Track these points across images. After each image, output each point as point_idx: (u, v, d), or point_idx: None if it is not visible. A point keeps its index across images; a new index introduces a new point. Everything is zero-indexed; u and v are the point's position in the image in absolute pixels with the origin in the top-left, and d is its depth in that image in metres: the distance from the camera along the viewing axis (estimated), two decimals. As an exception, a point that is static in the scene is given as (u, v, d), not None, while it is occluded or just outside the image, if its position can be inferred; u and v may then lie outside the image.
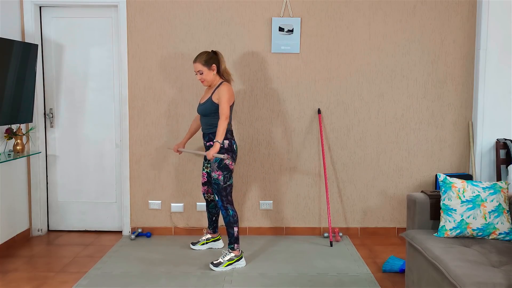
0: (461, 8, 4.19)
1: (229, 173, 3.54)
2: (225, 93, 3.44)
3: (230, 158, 3.52)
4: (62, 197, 4.41)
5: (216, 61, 3.53)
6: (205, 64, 3.49)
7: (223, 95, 3.43)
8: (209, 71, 3.50)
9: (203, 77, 3.52)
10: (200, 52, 3.58)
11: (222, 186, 3.52)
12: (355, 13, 4.19)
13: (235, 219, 3.54)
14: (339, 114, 4.27)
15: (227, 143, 3.51)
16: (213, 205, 3.87)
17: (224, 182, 3.52)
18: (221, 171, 3.51)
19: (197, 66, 3.50)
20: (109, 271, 3.47)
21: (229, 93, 3.46)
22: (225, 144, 3.49)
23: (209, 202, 3.86)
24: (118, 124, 4.32)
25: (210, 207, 3.88)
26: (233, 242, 3.56)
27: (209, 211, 3.90)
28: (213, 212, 3.90)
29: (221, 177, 3.51)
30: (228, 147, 3.52)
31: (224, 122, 3.37)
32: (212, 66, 3.50)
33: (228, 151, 3.51)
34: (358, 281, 3.30)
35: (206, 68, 3.49)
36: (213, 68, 3.50)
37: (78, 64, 4.30)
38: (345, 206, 4.36)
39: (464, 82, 4.26)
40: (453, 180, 2.85)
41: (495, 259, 2.44)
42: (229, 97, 3.44)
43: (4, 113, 3.66)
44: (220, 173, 3.51)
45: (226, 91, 3.45)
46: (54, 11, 4.26)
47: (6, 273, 3.46)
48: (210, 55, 3.52)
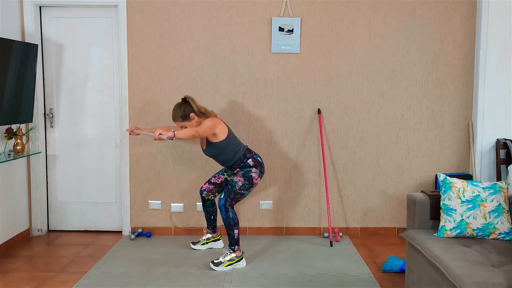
0: (461, 8, 4.19)
1: (250, 185, 3.57)
2: (207, 121, 3.42)
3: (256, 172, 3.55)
4: (62, 197, 4.41)
5: (191, 108, 3.48)
6: (184, 119, 3.48)
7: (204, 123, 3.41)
8: (191, 121, 3.49)
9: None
10: (173, 108, 3.51)
11: (236, 190, 3.53)
12: (355, 13, 4.19)
13: (235, 221, 3.53)
14: (339, 114, 4.27)
15: (251, 160, 3.58)
16: (209, 203, 3.87)
17: (240, 189, 3.54)
18: (243, 178, 3.54)
19: (178, 124, 3.51)
20: (109, 271, 3.47)
21: (213, 122, 3.43)
22: (250, 163, 3.57)
23: (206, 201, 3.86)
24: (118, 124, 4.32)
25: (207, 206, 3.88)
26: (233, 244, 3.57)
27: (206, 210, 3.90)
28: (210, 211, 3.90)
29: (240, 183, 3.54)
30: (254, 162, 3.59)
31: (191, 132, 3.31)
32: (190, 116, 3.48)
33: (256, 166, 3.59)
34: (358, 281, 3.30)
35: (187, 122, 3.49)
36: (193, 117, 3.48)
37: (78, 64, 4.30)
38: (345, 206, 4.36)
39: (464, 82, 4.26)
40: (453, 180, 2.85)
41: (495, 259, 2.44)
42: (211, 125, 3.41)
43: (4, 113, 3.66)
44: (242, 180, 3.54)
45: (207, 120, 3.43)
46: (54, 11, 4.26)
47: (6, 273, 3.46)
48: (183, 107, 3.47)
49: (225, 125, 3.55)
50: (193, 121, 3.49)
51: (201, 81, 4.21)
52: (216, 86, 4.22)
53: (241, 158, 3.59)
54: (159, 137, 3.19)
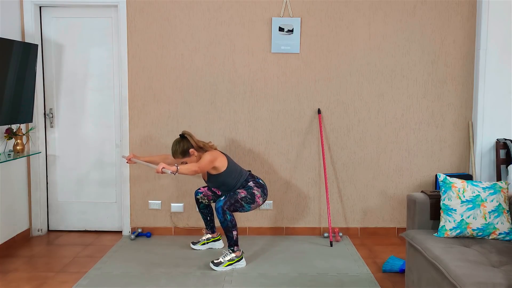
0: (461, 8, 4.19)
1: (252, 201, 3.58)
2: (206, 156, 3.46)
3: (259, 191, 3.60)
4: (62, 197, 4.41)
5: (189, 144, 3.52)
6: (184, 155, 3.51)
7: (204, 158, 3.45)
8: (191, 157, 3.52)
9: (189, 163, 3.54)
10: (172, 145, 3.54)
11: (237, 198, 3.53)
12: (355, 13, 4.19)
13: (233, 223, 3.53)
14: (339, 114, 4.27)
15: (253, 184, 3.62)
16: (203, 205, 3.89)
17: (241, 199, 3.54)
18: (245, 192, 3.56)
19: (179, 160, 3.53)
20: (109, 271, 3.47)
21: (212, 156, 3.47)
22: (252, 187, 3.60)
23: (199, 203, 3.88)
24: (118, 124, 4.32)
25: (201, 208, 3.90)
26: (233, 244, 3.56)
27: (201, 212, 3.92)
28: (205, 212, 3.91)
29: (243, 194, 3.55)
30: (255, 184, 3.62)
31: (194, 167, 3.36)
32: (190, 152, 3.51)
33: (258, 187, 3.62)
34: (358, 281, 3.30)
35: (187, 158, 3.52)
36: (192, 152, 3.52)
37: (78, 64, 4.30)
38: (345, 206, 4.36)
39: (464, 82, 4.26)
40: (453, 180, 2.85)
41: (495, 259, 2.44)
42: (211, 159, 3.46)
43: (4, 113, 3.66)
44: (244, 192, 3.56)
45: (207, 154, 3.47)
46: (54, 11, 4.26)
47: (6, 273, 3.46)
48: (181, 143, 3.51)
49: (224, 156, 3.59)
50: (193, 157, 3.53)
51: (201, 81, 4.21)
52: (216, 86, 4.22)
53: (243, 183, 3.63)
54: (162, 171, 3.25)
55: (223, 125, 4.26)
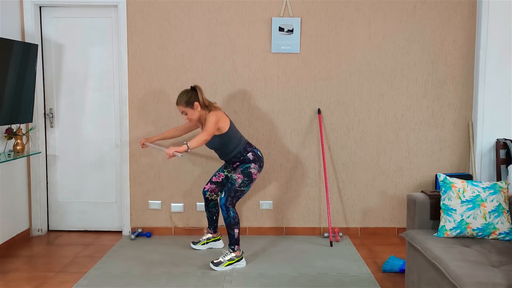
0: (461, 8, 4.19)
1: (249, 181, 3.57)
2: (211, 117, 3.45)
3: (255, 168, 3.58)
4: (62, 197, 4.41)
5: (197, 97, 3.51)
6: (187, 105, 3.49)
7: (210, 120, 3.44)
8: (193, 110, 3.51)
9: (188, 117, 3.54)
10: (180, 93, 3.55)
11: (236, 188, 3.54)
12: (355, 13, 4.19)
13: (236, 221, 3.54)
14: (339, 114, 4.27)
15: (251, 154, 3.59)
16: (213, 204, 3.87)
17: (240, 186, 3.54)
18: (242, 175, 3.55)
19: (180, 108, 3.53)
20: (109, 271, 3.47)
21: (216, 117, 3.46)
22: (250, 157, 3.58)
23: (209, 201, 3.86)
24: (118, 124, 4.32)
25: (210, 206, 3.88)
26: (233, 243, 3.57)
27: (209, 211, 3.90)
28: (213, 211, 3.90)
29: (240, 180, 3.54)
30: (254, 157, 3.60)
31: (204, 137, 3.37)
32: (194, 105, 3.49)
33: (256, 161, 3.59)
34: (358, 281, 3.30)
35: (189, 109, 3.50)
36: (196, 106, 3.50)
37: (78, 64, 4.30)
38: (345, 206, 4.36)
39: (464, 82, 4.26)
40: (453, 180, 2.85)
41: (495, 259, 2.44)
42: (216, 120, 3.44)
43: (4, 113, 3.66)
44: (241, 177, 3.55)
45: (211, 116, 3.46)
46: (54, 11, 4.26)
47: (6, 273, 3.46)
48: (189, 94, 3.51)
49: (227, 118, 3.57)
50: (196, 110, 3.51)
51: (201, 81, 4.21)
52: (216, 86, 4.22)
53: (241, 151, 3.60)
54: (173, 154, 3.25)
55: (223, 125, 4.26)
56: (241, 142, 3.62)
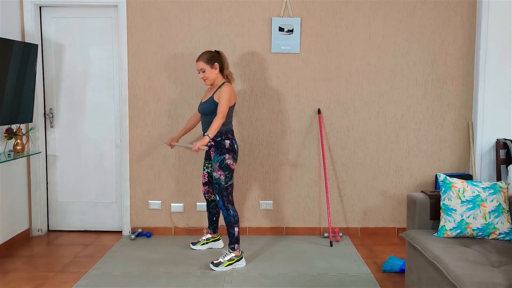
0: (461, 8, 4.19)
1: (230, 173, 3.55)
2: (226, 93, 3.44)
3: (231, 158, 3.54)
4: (62, 197, 4.41)
5: (219, 60, 3.53)
6: (207, 62, 3.50)
7: (224, 95, 3.44)
8: (212, 69, 3.51)
9: (205, 75, 3.52)
10: (203, 51, 3.60)
11: (224, 186, 3.53)
12: (355, 13, 4.19)
13: (235, 219, 3.54)
14: (339, 114, 4.27)
15: (228, 143, 3.53)
16: (213, 205, 3.87)
17: (226, 182, 3.53)
18: (222, 171, 3.52)
19: (200, 64, 3.51)
20: (109, 271, 3.47)
21: (230, 94, 3.46)
22: (226, 144, 3.52)
23: (210, 202, 3.86)
24: (118, 124, 4.32)
25: (210, 207, 3.88)
26: (233, 242, 3.57)
27: (209, 211, 3.90)
28: (213, 212, 3.90)
29: (223, 177, 3.52)
30: (229, 147, 3.53)
31: (220, 120, 3.38)
32: (214, 64, 3.50)
33: (230, 151, 3.54)
34: (358, 281, 3.30)
35: (208, 66, 3.50)
36: (216, 66, 3.51)
37: (78, 64, 4.30)
38: (345, 206, 4.36)
39: (464, 82, 4.26)
40: (453, 180, 2.85)
41: (495, 259, 2.44)
42: (229, 97, 3.44)
43: (4, 113, 3.66)
44: (222, 173, 3.52)
45: (227, 91, 3.45)
46: (54, 11, 4.26)
47: (6, 273, 3.46)
48: (213, 54, 3.54)
49: (235, 98, 3.57)
50: (214, 71, 3.51)
51: (201, 81, 4.20)
52: (216, 86, 4.22)
53: (223, 133, 3.52)
54: (199, 148, 3.29)
55: (223, 125, 4.26)
56: (228, 125, 3.56)
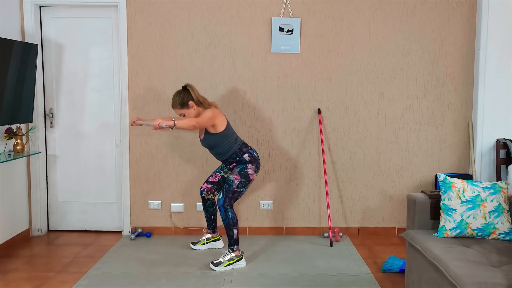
0: (461, 8, 4.19)
1: (247, 182, 3.56)
2: (207, 112, 3.43)
3: (252, 168, 3.56)
4: (62, 197, 4.41)
5: (190, 96, 3.49)
6: (182, 106, 3.48)
7: (205, 114, 3.42)
8: (189, 109, 3.49)
9: (187, 117, 3.50)
10: (172, 96, 3.53)
11: (233, 189, 3.53)
12: (355, 13, 4.19)
13: (234, 221, 3.54)
14: (339, 114, 4.27)
15: (247, 155, 3.57)
16: (209, 203, 3.87)
17: (237, 187, 3.53)
18: (239, 176, 3.54)
19: (177, 111, 3.52)
20: (109, 271, 3.47)
21: (213, 113, 3.44)
22: (246, 158, 3.56)
23: (206, 201, 3.86)
24: (118, 124, 4.32)
25: (207, 206, 3.88)
26: (233, 243, 3.57)
27: (206, 210, 3.90)
28: (210, 211, 3.90)
29: (237, 181, 3.53)
30: (250, 157, 3.57)
31: (192, 122, 3.31)
32: (189, 104, 3.47)
33: (252, 161, 3.57)
34: (358, 281, 3.30)
35: (185, 110, 3.49)
36: (191, 105, 3.48)
37: (78, 64, 4.30)
38: (345, 206, 4.36)
39: (464, 82, 4.26)
40: (453, 180, 2.85)
41: (495, 259, 2.44)
42: (211, 115, 3.42)
43: (4, 113, 3.66)
44: (238, 178, 3.54)
45: (208, 111, 3.44)
46: (54, 11, 4.26)
47: (6, 273, 3.46)
48: (182, 94, 3.49)
49: (224, 117, 3.56)
50: (192, 110, 3.48)
51: (201, 81, 4.21)
52: (216, 86, 4.23)
53: (237, 152, 3.57)
54: (159, 125, 3.19)
55: (223, 125, 4.26)
56: (236, 142, 3.60)
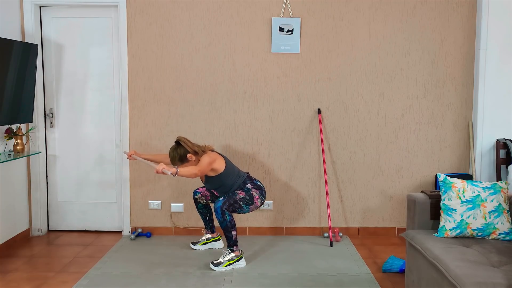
0: (461, 8, 4.19)
1: (250, 202, 3.59)
2: (205, 158, 3.48)
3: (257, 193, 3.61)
4: (62, 197, 4.41)
5: (185, 150, 3.51)
6: (182, 161, 3.52)
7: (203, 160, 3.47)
8: (190, 162, 3.53)
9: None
10: (169, 152, 3.53)
11: (235, 199, 3.54)
12: (355, 13, 4.19)
13: (232, 223, 3.53)
14: (339, 114, 4.27)
15: (250, 184, 3.63)
16: (201, 205, 3.89)
17: (240, 200, 3.55)
18: (244, 193, 3.57)
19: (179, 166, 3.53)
20: (109, 271, 3.47)
21: (210, 158, 3.49)
22: (249, 186, 3.61)
23: (198, 203, 3.88)
24: (118, 124, 4.32)
25: (199, 208, 3.90)
26: (232, 244, 3.57)
27: (199, 212, 3.92)
28: (203, 212, 3.91)
29: (241, 195, 3.56)
30: (253, 186, 3.62)
31: (194, 170, 3.37)
32: (187, 157, 3.51)
33: (256, 188, 3.62)
34: (358, 281, 3.30)
35: (186, 163, 3.53)
36: (190, 157, 3.51)
37: (78, 64, 4.30)
38: (345, 206, 4.36)
39: (464, 82, 4.26)
40: (453, 180, 2.85)
41: (495, 259, 2.44)
42: (210, 161, 3.48)
43: (4, 113, 3.66)
44: (243, 194, 3.57)
45: (205, 157, 3.49)
46: (54, 11, 4.26)
47: (6, 273, 3.46)
48: (177, 150, 3.51)
49: (222, 158, 3.60)
50: (192, 161, 3.53)
51: (201, 81, 4.21)
52: (216, 86, 4.23)
53: (241, 185, 3.62)
54: (162, 171, 3.24)
55: (223, 125, 4.26)
56: (240, 177, 3.64)
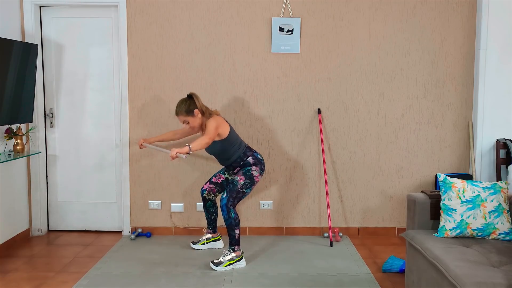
0: (461, 8, 4.19)
1: (251, 183, 3.60)
2: (211, 122, 3.47)
3: (257, 170, 3.61)
4: (62, 197, 4.41)
5: (195, 105, 3.53)
6: (187, 113, 3.51)
7: (210, 125, 3.46)
8: (194, 118, 3.53)
9: (190, 125, 3.56)
10: (177, 103, 3.56)
11: (237, 189, 3.55)
12: (355, 13, 4.19)
13: (236, 221, 3.54)
14: (339, 114, 4.27)
15: (251, 158, 3.62)
16: (210, 203, 3.87)
17: (242, 187, 3.56)
18: (244, 177, 3.57)
19: (181, 118, 3.55)
20: (109, 271, 3.47)
21: (216, 122, 3.48)
22: (250, 161, 3.60)
23: (206, 201, 3.87)
24: (118, 124, 4.32)
25: (207, 206, 3.89)
26: (233, 244, 3.57)
27: (206, 210, 3.91)
28: (211, 211, 3.90)
29: (242, 182, 3.56)
30: (254, 160, 3.62)
31: (206, 140, 3.37)
32: (194, 112, 3.51)
33: (256, 164, 3.62)
34: (358, 281, 3.30)
35: (190, 117, 3.52)
36: (196, 113, 3.52)
37: (78, 64, 4.30)
38: (345, 206, 4.36)
39: (464, 82, 4.26)
40: (453, 180, 2.85)
41: (495, 259, 2.44)
42: (216, 125, 3.47)
43: (4, 113, 3.66)
44: (243, 179, 3.57)
45: (211, 121, 3.48)
46: (54, 11, 4.26)
47: (6, 273, 3.46)
48: (188, 102, 3.52)
49: (227, 123, 3.59)
50: (197, 118, 3.53)
51: (201, 81, 4.21)
52: (216, 86, 4.23)
53: (241, 156, 3.61)
54: (176, 155, 3.24)
55: (223, 125, 4.26)
56: (241, 147, 3.63)
